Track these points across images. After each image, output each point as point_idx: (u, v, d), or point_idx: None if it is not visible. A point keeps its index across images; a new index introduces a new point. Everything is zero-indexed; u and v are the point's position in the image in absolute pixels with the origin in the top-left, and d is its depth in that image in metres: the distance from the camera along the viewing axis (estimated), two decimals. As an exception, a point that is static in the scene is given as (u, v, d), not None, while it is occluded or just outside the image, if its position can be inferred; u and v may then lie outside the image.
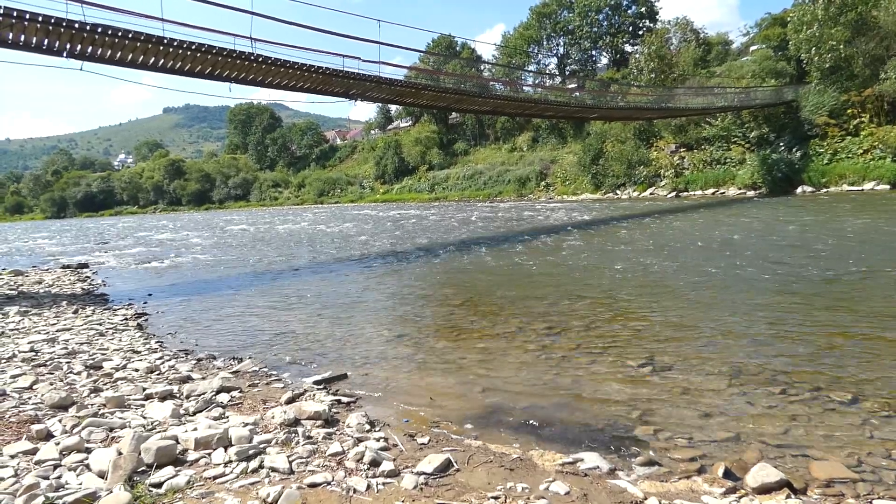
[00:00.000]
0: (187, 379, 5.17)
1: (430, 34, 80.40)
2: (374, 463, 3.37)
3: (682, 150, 40.01)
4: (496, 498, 2.97)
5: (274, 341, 7.09)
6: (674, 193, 37.77)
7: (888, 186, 28.12)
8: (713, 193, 35.84)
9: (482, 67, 64.78)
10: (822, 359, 5.25)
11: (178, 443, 3.40)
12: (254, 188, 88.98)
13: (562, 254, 13.93)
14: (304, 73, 15.75)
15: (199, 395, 4.57)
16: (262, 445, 3.52)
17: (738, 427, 3.95)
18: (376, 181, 72.19)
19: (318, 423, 4.04)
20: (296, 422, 3.99)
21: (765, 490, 3.06)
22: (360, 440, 3.76)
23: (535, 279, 10.78)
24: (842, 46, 32.22)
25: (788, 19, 37.58)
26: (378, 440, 3.78)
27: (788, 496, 3.01)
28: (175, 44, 12.88)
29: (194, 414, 4.16)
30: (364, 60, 16.95)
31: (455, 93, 22.56)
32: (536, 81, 51.29)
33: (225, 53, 13.77)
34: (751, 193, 33.48)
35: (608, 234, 18.41)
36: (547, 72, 63.90)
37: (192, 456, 3.33)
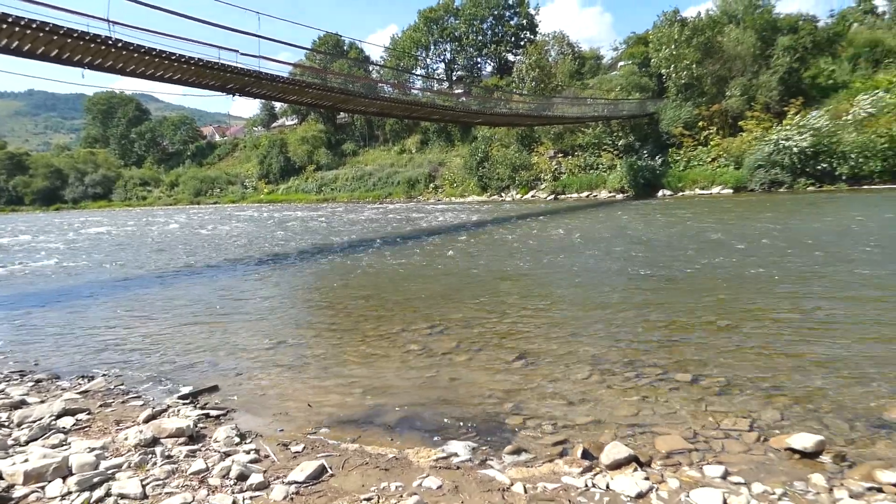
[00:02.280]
0: (20, 404, 4.53)
1: (316, 31, 78.12)
2: (242, 477, 3.20)
3: (559, 155, 42.80)
4: (369, 499, 2.96)
5: (135, 355, 6.45)
6: (553, 196, 40.27)
7: (731, 191, 32.37)
8: (587, 196, 38.75)
9: (370, 68, 64.35)
10: (670, 344, 5.89)
11: (1, 478, 2.96)
12: (117, 186, 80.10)
13: (447, 255, 14.25)
14: (174, 63, 14.51)
15: (35, 422, 4.02)
16: (110, 471, 3.18)
17: (597, 411, 4.31)
18: (260, 181, 68.58)
19: (181, 440, 3.75)
20: (154, 441, 3.67)
21: (616, 466, 3.37)
22: (227, 454, 3.55)
23: (420, 280, 10.91)
24: (694, 66, 36.59)
25: (650, 39, 41.73)
26: (248, 453, 3.60)
27: (636, 469, 3.34)
28: (10, 20, 11.23)
29: (27, 443, 3.65)
30: (243, 54, 16.06)
31: (341, 92, 22.12)
32: (425, 85, 52.04)
33: (76, 35, 12.25)
34: (619, 196, 36.67)
35: (491, 235, 19.16)
36: (435, 76, 65.04)
37: (19, 492, 2.92)
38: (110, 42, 12.75)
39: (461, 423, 4.22)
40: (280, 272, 12.97)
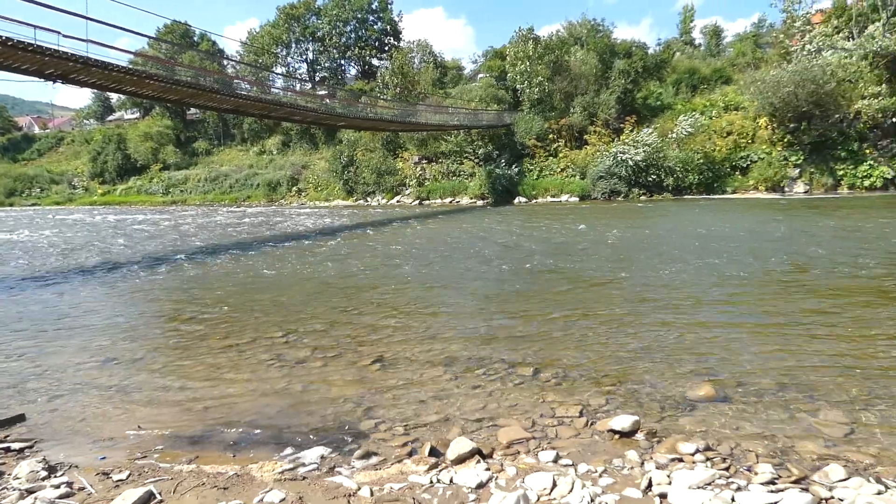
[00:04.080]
0: None
1: (161, 19, 70.87)
2: (47, 517, 2.79)
3: (423, 161, 43.80)
4: (202, 523, 2.76)
5: None
6: (417, 201, 41.08)
7: (577, 199, 35.67)
8: (450, 202, 40.12)
9: (226, 63, 60.18)
10: (516, 340, 6.32)
11: None
12: None
13: (305, 260, 13.81)
14: (-30, 38, 12.24)
15: None
16: None
17: (447, 409, 4.48)
18: (93, 180, 60.47)
19: (-33, 483, 3.17)
20: (-73, 488, 3.05)
21: (460, 460, 3.53)
22: (30, 491, 3.09)
23: (276, 287, 10.44)
24: (546, 82, 39.72)
25: (507, 54, 44.43)
26: (58, 487, 3.17)
27: (478, 461, 3.53)
28: None
29: None
30: (66, 36, 14.07)
31: (190, 86, 20.32)
32: (286, 84, 49.89)
33: None
34: (480, 203, 38.50)
35: (354, 239, 18.97)
36: (297, 76, 62.72)
37: None
38: None
39: (312, 432, 4.12)
40: (114, 283, 11.54)
